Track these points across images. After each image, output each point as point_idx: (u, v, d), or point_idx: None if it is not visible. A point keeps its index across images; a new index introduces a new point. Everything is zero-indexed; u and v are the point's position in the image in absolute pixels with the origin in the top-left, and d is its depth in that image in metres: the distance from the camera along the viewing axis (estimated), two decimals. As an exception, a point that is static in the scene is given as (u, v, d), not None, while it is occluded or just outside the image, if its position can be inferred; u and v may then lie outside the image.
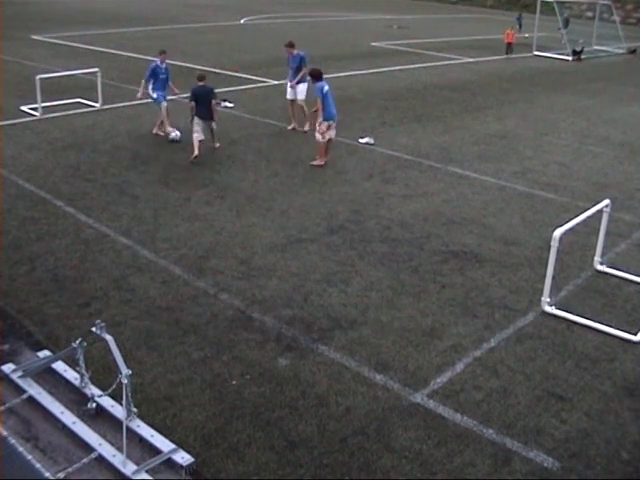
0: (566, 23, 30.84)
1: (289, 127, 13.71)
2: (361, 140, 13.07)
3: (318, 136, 11.39)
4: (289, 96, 13.62)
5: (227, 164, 11.45)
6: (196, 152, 11.29)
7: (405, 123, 14.91)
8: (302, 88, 13.45)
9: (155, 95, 12.55)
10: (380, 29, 33.19)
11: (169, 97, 12.84)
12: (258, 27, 31.08)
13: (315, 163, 11.46)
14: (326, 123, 11.31)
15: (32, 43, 22.83)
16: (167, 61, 12.90)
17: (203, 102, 11.53)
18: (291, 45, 13.68)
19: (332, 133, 11.55)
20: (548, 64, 25.60)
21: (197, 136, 11.41)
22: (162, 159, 11.49)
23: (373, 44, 27.34)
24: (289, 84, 13.55)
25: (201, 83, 11.73)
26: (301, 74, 13.37)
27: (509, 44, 26.62)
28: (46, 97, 13.83)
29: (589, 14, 39.57)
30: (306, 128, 13.39)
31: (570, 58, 26.80)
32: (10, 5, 31.82)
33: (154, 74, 12.56)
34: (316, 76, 11.56)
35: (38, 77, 13.63)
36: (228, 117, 14.48)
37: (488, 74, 22.23)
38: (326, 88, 11.36)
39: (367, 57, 23.87)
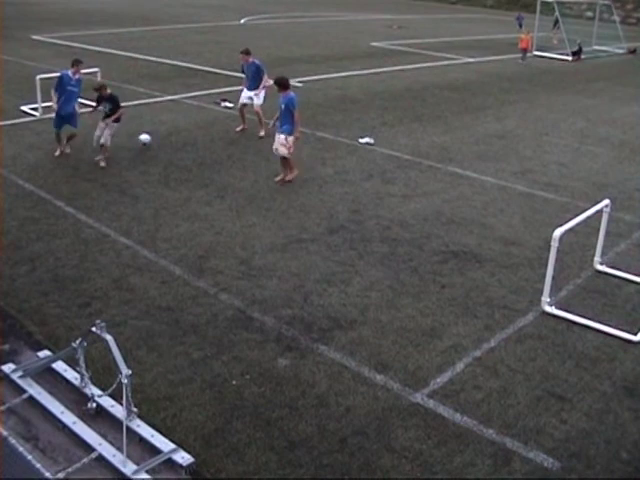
0: (555, 23, 30.66)
1: (238, 129, 13.42)
2: (361, 140, 13.07)
3: (285, 151, 10.40)
4: (242, 100, 13.30)
5: (227, 164, 11.45)
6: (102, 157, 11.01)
7: (405, 123, 14.91)
8: (260, 94, 13.12)
9: (55, 112, 11.10)
10: (380, 29, 33.18)
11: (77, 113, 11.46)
12: (258, 27, 31.07)
13: (290, 177, 10.56)
14: (292, 137, 10.43)
15: (32, 43, 22.83)
16: (167, 61, 12.72)
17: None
18: (247, 52, 13.17)
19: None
20: (548, 64, 25.60)
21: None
22: (162, 159, 11.49)
23: (373, 44, 27.33)
24: (249, 93, 13.17)
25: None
26: (263, 83, 13.05)
27: (524, 50, 25.10)
28: (46, 97, 13.80)
29: (589, 14, 39.53)
30: (262, 134, 13.00)
31: (570, 58, 26.79)
32: (10, 5, 31.81)
33: (61, 84, 11.00)
34: (284, 85, 10.36)
35: (38, 77, 13.62)
36: (228, 117, 14.48)
37: (488, 74, 22.22)
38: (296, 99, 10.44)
39: (367, 57, 23.87)
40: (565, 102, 18.37)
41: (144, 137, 12.25)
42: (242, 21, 32.89)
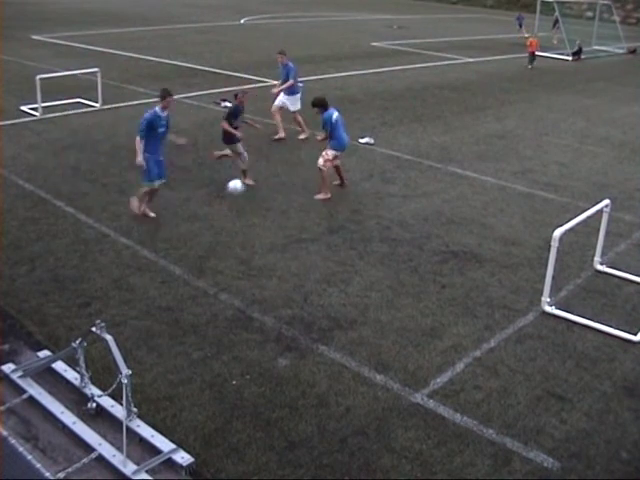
0: (555, 23, 30.46)
1: (276, 137, 12.99)
2: (361, 140, 13.06)
3: (320, 160, 10.05)
4: (277, 103, 13.12)
5: (227, 164, 11.44)
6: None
7: (405, 123, 14.91)
8: (287, 98, 13.01)
9: (147, 164, 8.58)
10: (380, 29, 33.18)
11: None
12: (258, 27, 31.07)
13: (320, 197, 10.04)
14: (333, 152, 10.08)
15: (32, 43, 22.83)
16: (167, 61, 12.58)
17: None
18: (281, 53, 13.12)
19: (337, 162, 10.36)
20: (548, 64, 25.59)
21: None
22: (162, 159, 11.47)
23: (373, 44, 27.33)
24: (282, 97, 13.04)
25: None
26: (286, 85, 12.97)
27: (532, 54, 23.99)
28: (46, 97, 13.82)
29: (589, 14, 39.52)
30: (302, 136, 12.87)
31: (570, 58, 26.80)
32: (10, 5, 31.81)
33: (150, 127, 8.54)
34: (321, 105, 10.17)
35: (38, 77, 13.63)
36: (228, 117, 14.45)
37: (488, 74, 22.22)
38: (335, 116, 10.05)
39: (367, 57, 23.87)
40: (565, 102, 18.36)
41: (234, 186, 9.74)
42: (242, 21, 32.89)
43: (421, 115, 15.75)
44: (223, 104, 15.42)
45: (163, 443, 4.88)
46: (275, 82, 13.29)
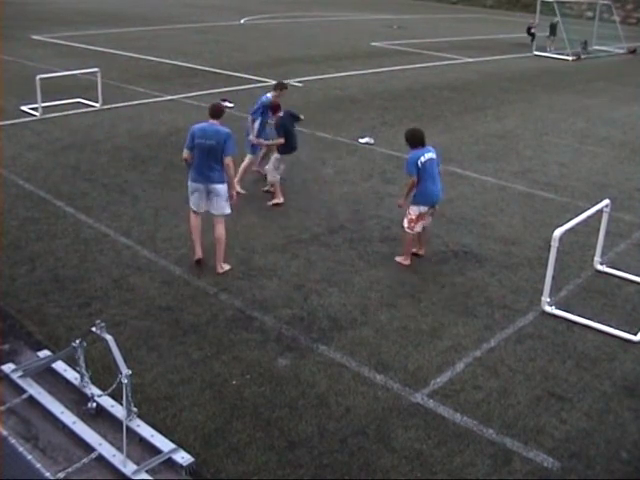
0: (553, 29, 29.72)
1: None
2: (361, 140, 13.06)
3: (405, 224, 8.00)
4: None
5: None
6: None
7: (405, 123, 14.86)
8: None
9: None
10: (380, 29, 33.17)
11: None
12: (258, 27, 31.07)
13: (399, 260, 8.10)
14: (417, 208, 7.95)
15: (32, 43, 22.82)
16: (167, 61, 12.58)
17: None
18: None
19: (427, 220, 8.13)
20: (548, 64, 25.59)
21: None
22: (162, 159, 11.48)
23: (373, 44, 27.33)
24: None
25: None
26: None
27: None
28: (46, 97, 13.82)
29: (589, 14, 39.52)
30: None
31: (570, 58, 26.79)
32: (10, 5, 31.81)
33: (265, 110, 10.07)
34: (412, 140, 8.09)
35: (38, 77, 13.62)
36: (228, 117, 14.42)
37: (488, 74, 22.22)
38: (426, 156, 7.86)
39: (367, 57, 23.86)
40: (565, 102, 18.36)
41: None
42: (242, 21, 32.88)
43: (421, 115, 15.75)
44: (224, 104, 15.43)
45: (163, 443, 4.88)
46: (274, 82, 13.24)
